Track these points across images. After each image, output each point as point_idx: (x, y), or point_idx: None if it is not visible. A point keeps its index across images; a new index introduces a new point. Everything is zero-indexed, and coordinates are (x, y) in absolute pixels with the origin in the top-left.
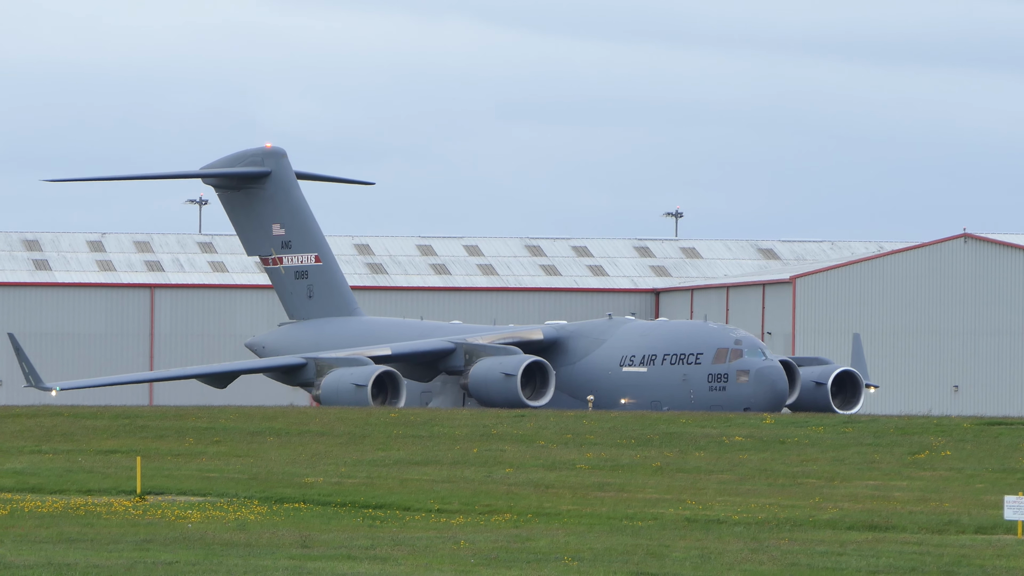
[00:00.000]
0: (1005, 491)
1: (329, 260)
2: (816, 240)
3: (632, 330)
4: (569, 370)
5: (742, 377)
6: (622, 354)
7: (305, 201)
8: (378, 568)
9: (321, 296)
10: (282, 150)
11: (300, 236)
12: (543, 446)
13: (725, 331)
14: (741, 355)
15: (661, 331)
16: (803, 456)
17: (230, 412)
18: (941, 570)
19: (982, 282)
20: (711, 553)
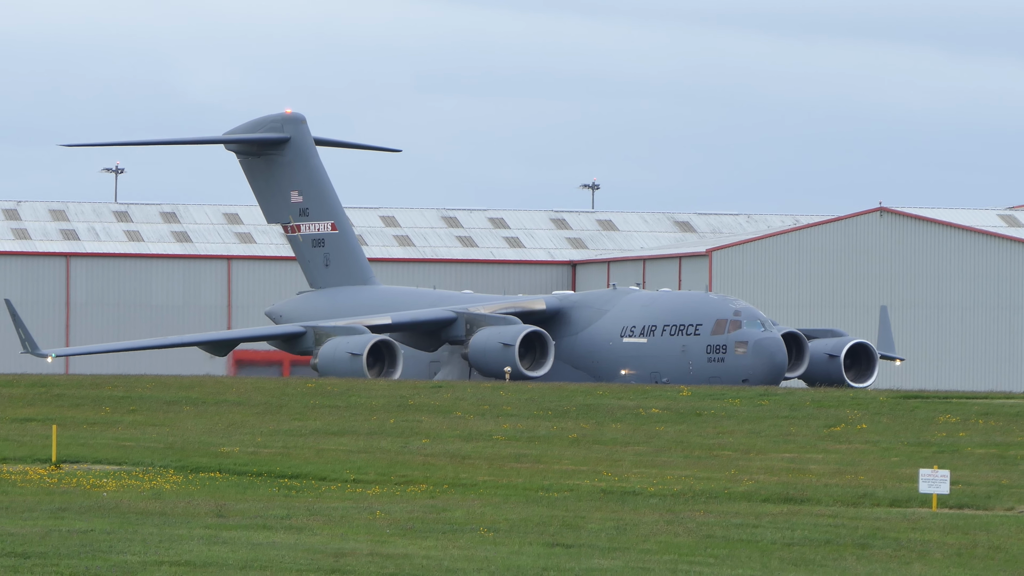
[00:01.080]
0: (920, 464)
1: (345, 228)
2: (732, 213)
3: (634, 300)
4: (571, 341)
5: (740, 348)
6: (623, 325)
7: (323, 168)
8: (294, 538)
9: (337, 264)
10: (301, 116)
11: (317, 203)
12: (460, 417)
13: (725, 302)
14: (740, 326)
15: (662, 302)
16: (719, 428)
17: (146, 381)
18: (856, 543)
19: (898, 256)
20: (627, 525)
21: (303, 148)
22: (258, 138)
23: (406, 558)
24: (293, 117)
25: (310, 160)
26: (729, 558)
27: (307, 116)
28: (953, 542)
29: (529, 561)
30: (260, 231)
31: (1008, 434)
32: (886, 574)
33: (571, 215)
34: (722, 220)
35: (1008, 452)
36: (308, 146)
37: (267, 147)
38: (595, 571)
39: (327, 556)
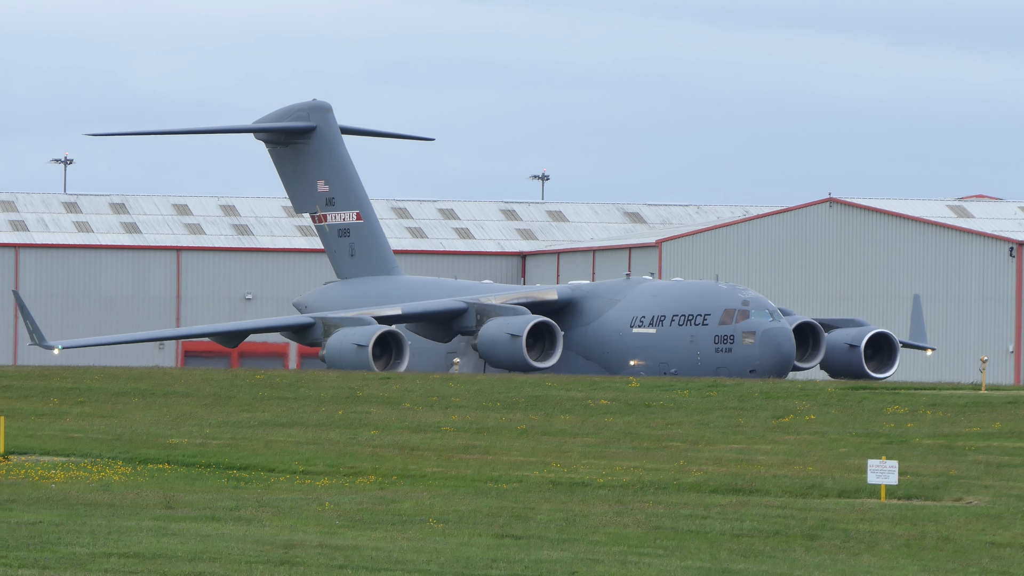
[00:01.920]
0: (868, 455)
1: (370, 218)
2: (682, 204)
3: (646, 290)
4: (583, 331)
5: (747, 338)
6: (633, 315)
7: (349, 157)
8: (243, 529)
9: (362, 255)
10: (327, 104)
11: (343, 193)
12: (409, 408)
13: (735, 291)
14: (748, 316)
15: (672, 291)
16: (668, 419)
17: (95, 373)
18: (804, 533)
19: (847, 246)
20: (576, 516)
21: (329, 137)
22: (285, 127)
23: (355, 549)
24: (319, 105)
25: (335, 149)
26: (678, 549)
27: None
28: (902, 533)
29: (478, 552)
30: (209, 222)
31: (956, 425)
32: (835, 565)
33: (521, 206)
34: (672, 211)
35: (956, 443)
36: (334, 135)
37: (294, 136)
38: (544, 562)
39: (276, 548)
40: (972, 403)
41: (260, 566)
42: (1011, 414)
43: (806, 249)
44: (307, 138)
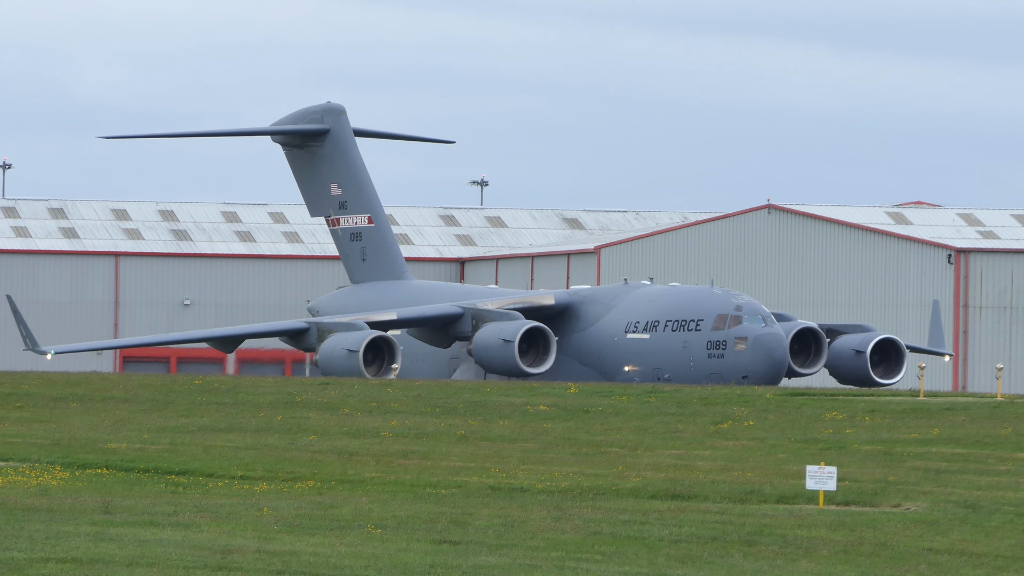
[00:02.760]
0: (807, 461)
1: (381, 222)
2: (621, 210)
3: (642, 296)
4: (580, 336)
5: (740, 344)
6: (628, 320)
7: (362, 160)
8: (181, 535)
9: (373, 259)
10: (341, 107)
11: (355, 197)
12: (347, 414)
13: (728, 296)
14: (741, 321)
15: (667, 297)
16: (607, 425)
17: (32, 378)
18: (743, 539)
19: (786, 252)
20: (514, 521)
21: (342, 140)
22: (299, 129)
23: (293, 555)
24: (332, 108)
25: (348, 152)
26: (616, 555)
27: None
28: (840, 539)
29: (416, 558)
30: (148, 227)
31: (894, 431)
32: (773, 571)
33: (460, 212)
34: (611, 217)
35: (895, 449)
36: (347, 138)
37: (308, 138)
38: (482, 568)
39: (214, 553)
40: (910, 409)
41: (198, 571)
42: (949, 420)
43: (745, 255)
44: (321, 141)
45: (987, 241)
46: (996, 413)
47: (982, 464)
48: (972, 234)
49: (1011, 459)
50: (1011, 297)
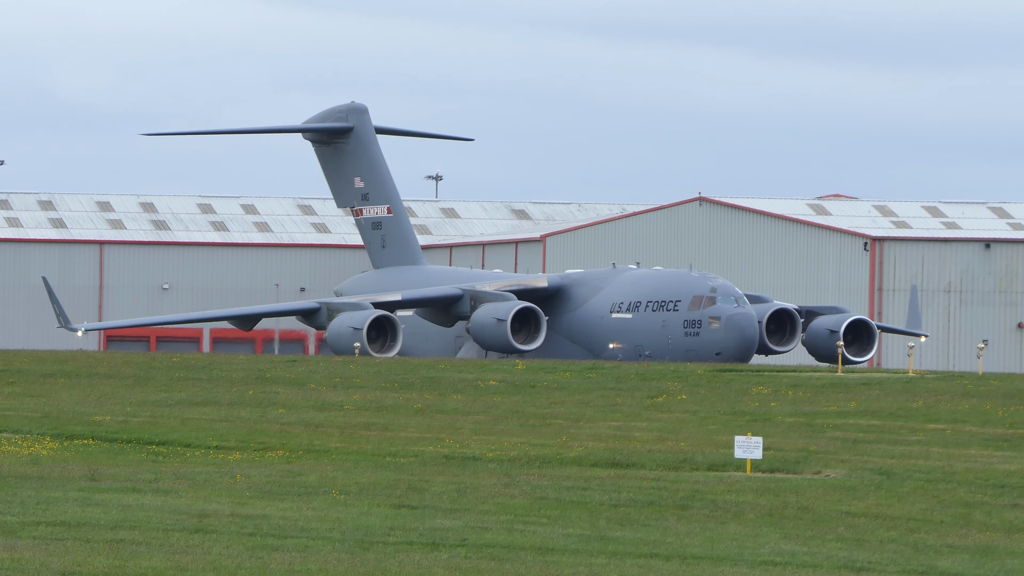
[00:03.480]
0: (735, 432)
1: (399, 212)
2: (565, 202)
3: (627, 279)
4: (570, 316)
5: (714, 323)
6: (613, 301)
7: (382, 155)
8: (161, 500)
9: (392, 246)
10: (363, 106)
11: (376, 189)
12: (314, 389)
13: (704, 279)
14: (715, 302)
15: (649, 280)
16: (552, 399)
17: (24, 356)
18: (677, 504)
19: (716, 241)
20: (467, 487)
21: (365, 136)
22: (326, 127)
23: (264, 518)
24: (356, 107)
25: (370, 148)
26: (561, 518)
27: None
28: (765, 503)
29: (377, 521)
30: (130, 218)
31: (815, 404)
32: (704, 533)
33: (416, 204)
34: (555, 208)
35: (815, 421)
36: (369, 134)
37: (334, 136)
38: (438, 530)
39: (191, 517)
40: (830, 384)
41: (176, 534)
42: (865, 394)
43: (678, 244)
44: (345, 138)
45: (899, 230)
46: (908, 388)
47: (895, 434)
48: (886, 224)
49: (922, 430)
50: (921, 281)
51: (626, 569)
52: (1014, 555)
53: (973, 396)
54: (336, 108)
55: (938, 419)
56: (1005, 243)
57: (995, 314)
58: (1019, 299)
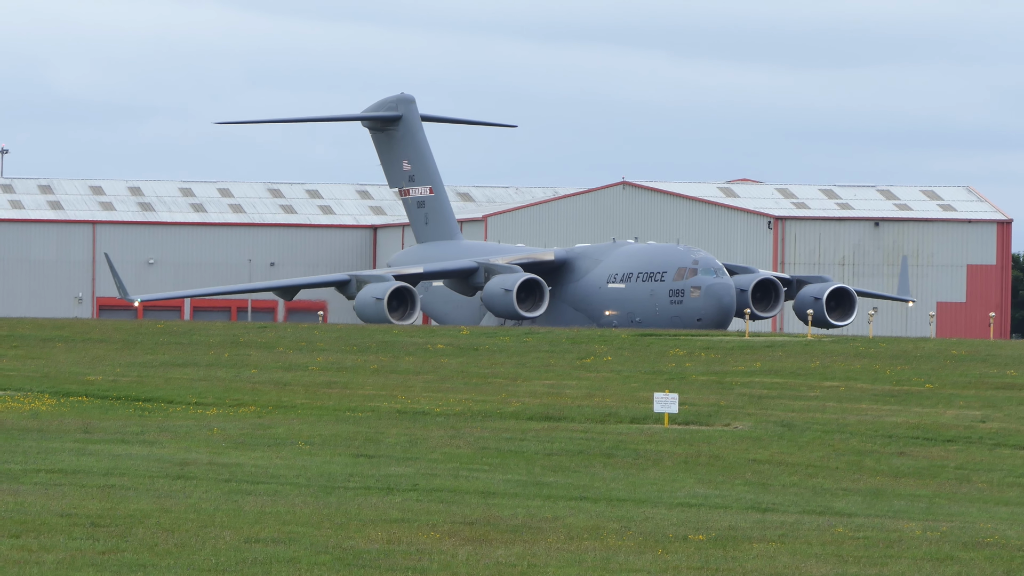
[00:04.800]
0: (655, 389)
1: (440, 192)
2: (504, 186)
3: (624, 252)
4: (574, 287)
5: (694, 292)
6: (610, 272)
7: (427, 141)
8: (147, 450)
9: (433, 222)
10: (411, 97)
11: (421, 171)
12: (282, 352)
13: (689, 252)
14: (696, 273)
15: (641, 253)
16: (493, 360)
17: (26, 323)
18: (603, 453)
19: (638, 222)
20: (418, 439)
21: (412, 124)
22: (379, 116)
23: (238, 466)
24: (405, 97)
25: (416, 134)
26: (501, 466)
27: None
28: (681, 452)
29: (338, 468)
30: (119, 200)
31: (725, 364)
32: (627, 478)
33: (373, 187)
34: (496, 192)
35: (725, 379)
36: (416, 122)
37: (387, 123)
38: (392, 476)
39: (174, 465)
40: (738, 347)
41: (161, 480)
42: (769, 355)
43: (604, 224)
44: (395, 125)
45: (799, 211)
46: (807, 350)
47: (796, 391)
48: (788, 205)
49: (819, 387)
50: (819, 256)
51: (559, 510)
52: (900, 497)
53: (864, 357)
54: (388, 99)
55: (833, 377)
56: (892, 222)
57: (884, 285)
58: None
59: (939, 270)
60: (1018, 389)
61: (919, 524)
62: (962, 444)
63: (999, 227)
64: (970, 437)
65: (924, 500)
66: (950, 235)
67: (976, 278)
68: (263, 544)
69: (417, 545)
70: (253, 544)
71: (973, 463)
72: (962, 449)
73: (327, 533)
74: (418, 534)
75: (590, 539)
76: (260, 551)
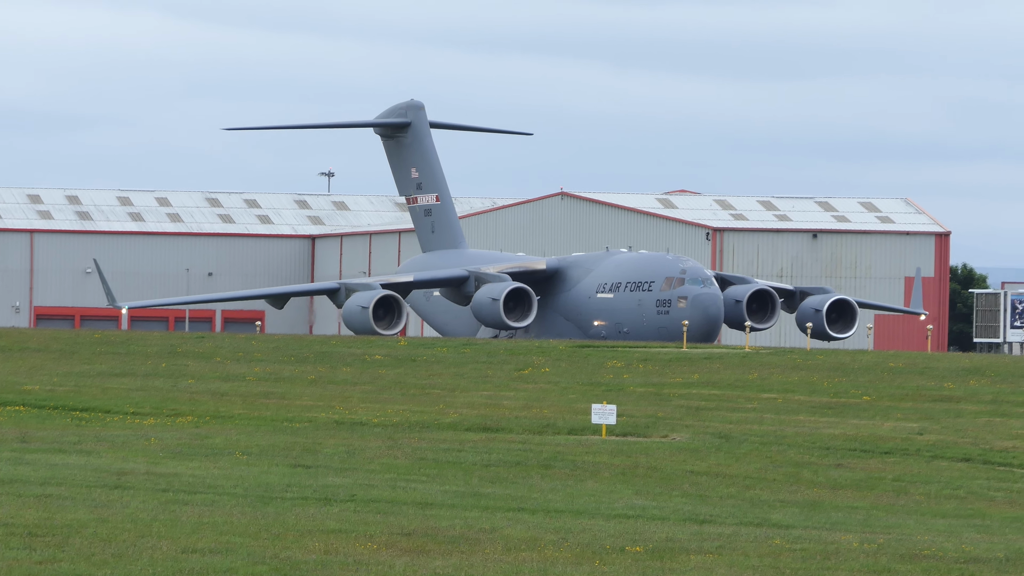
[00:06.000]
0: (592, 400)
1: (446, 200)
2: None
3: (613, 261)
4: (565, 296)
5: (681, 302)
6: (599, 282)
7: (434, 149)
8: (84, 460)
9: (439, 231)
10: (420, 103)
11: (428, 179)
12: (219, 362)
13: (677, 262)
14: (684, 283)
15: (630, 262)
16: (430, 371)
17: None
18: (541, 463)
19: (575, 231)
20: (356, 449)
21: (420, 131)
22: (388, 122)
23: (176, 476)
24: (414, 104)
25: (424, 141)
26: (439, 476)
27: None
28: (619, 463)
29: (276, 479)
30: (57, 209)
31: (663, 376)
32: (565, 489)
33: (311, 197)
34: None
35: (663, 391)
36: (424, 129)
37: (396, 130)
38: (330, 487)
39: (111, 474)
40: (676, 359)
41: (98, 489)
42: (707, 367)
43: (542, 234)
44: (404, 132)
45: (737, 222)
46: (744, 362)
47: (734, 403)
48: (726, 216)
49: (757, 399)
50: (757, 268)
51: (496, 522)
52: (838, 508)
53: (802, 369)
54: (397, 106)
55: (771, 389)
56: (830, 233)
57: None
58: (843, 283)
59: (877, 282)
60: (955, 401)
61: (856, 536)
62: (899, 456)
63: (937, 239)
64: (907, 449)
65: (861, 512)
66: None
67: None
68: (200, 554)
69: (354, 556)
70: (190, 554)
71: (910, 475)
72: (899, 461)
73: (264, 543)
74: (355, 545)
75: (527, 550)
76: (197, 561)
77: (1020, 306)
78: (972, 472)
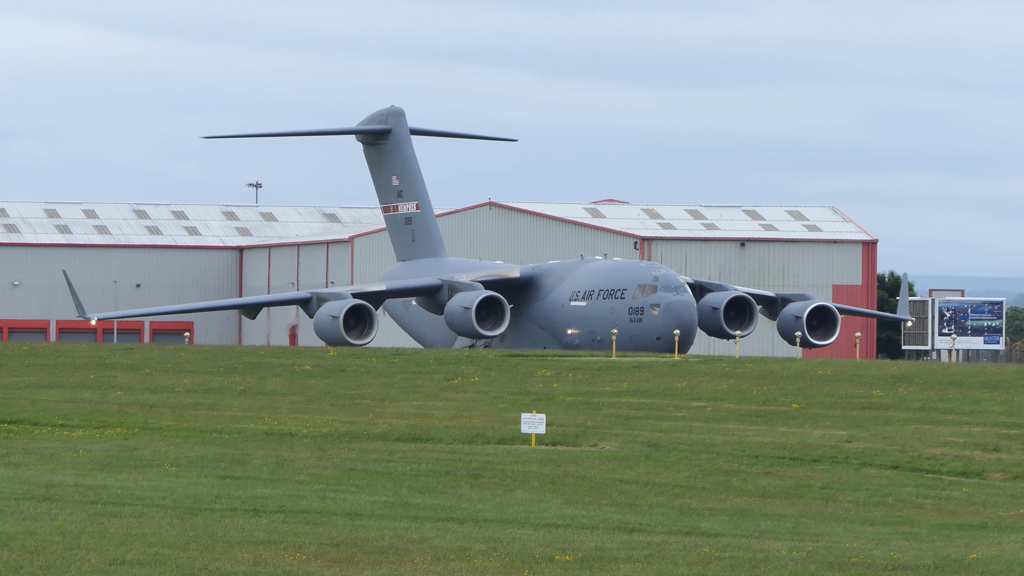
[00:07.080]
0: (522, 410)
1: (426, 208)
2: (370, 207)
3: (586, 269)
4: (539, 304)
5: (654, 310)
6: (572, 290)
7: (415, 156)
8: (12, 472)
9: (420, 239)
10: (400, 110)
11: (409, 187)
12: (148, 373)
13: (650, 269)
14: (656, 291)
15: (603, 270)
16: (360, 382)
17: None
18: (470, 473)
19: (503, 240)
20: (285, 460)
21: (400, 138)
22: (368, 129)
23: (105, 488)
24: (394, 111)
25: (404, 148)
26: (368, 487)
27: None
28: (548, 472)
29: (205, 490)
30: (22, 221)
31: (592, 385)
32: (494, 499)
33: (239, 208)
34: (363, 212)
35: (592, 400)
36: (404, 136)
37: (376, 137)
38: (259, 498)
39: (39, 487)
40: (605, 367)
41: (26, 502)
42: (636, 376)
43: (470, 244)
44: (385, 139)
45: (665, 231)
46: (674, 370)
47: (663, 411)
48: (654, 225)
49: (686, 407)
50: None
51: (426, 531)
52: (767, 517)
53: (731, 377)
54: (378, 112)
55: (700, 397)
56: (758, 242)
57: None
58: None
59: (804, 290)
60: (883, 409)
61: (785, 544)
62: (828, 464)
63: (864, 247)
64: (836, 457)
65: (790, 520)
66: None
67: (842, 298)
68: (129, 566)
69: (283, 567)
70: (119, 566)
71: (839, 483)
72: (828, 469)
73: (193, 555)
74: (284, 556)
75: (457, 560)
76: (126, 573)
77: (948, 313)
78: (901, 479)
